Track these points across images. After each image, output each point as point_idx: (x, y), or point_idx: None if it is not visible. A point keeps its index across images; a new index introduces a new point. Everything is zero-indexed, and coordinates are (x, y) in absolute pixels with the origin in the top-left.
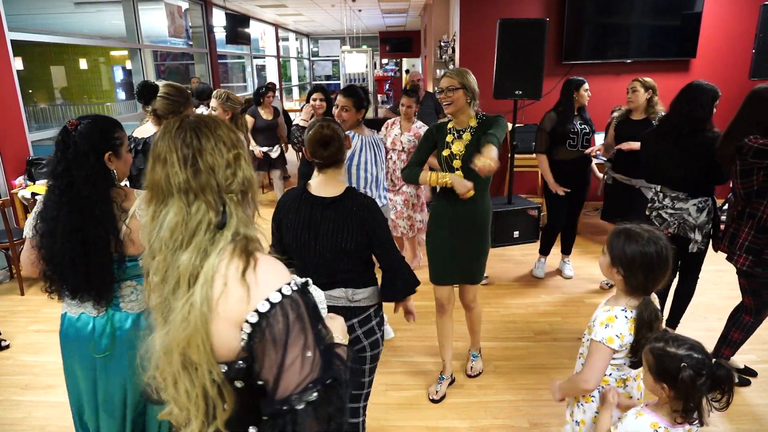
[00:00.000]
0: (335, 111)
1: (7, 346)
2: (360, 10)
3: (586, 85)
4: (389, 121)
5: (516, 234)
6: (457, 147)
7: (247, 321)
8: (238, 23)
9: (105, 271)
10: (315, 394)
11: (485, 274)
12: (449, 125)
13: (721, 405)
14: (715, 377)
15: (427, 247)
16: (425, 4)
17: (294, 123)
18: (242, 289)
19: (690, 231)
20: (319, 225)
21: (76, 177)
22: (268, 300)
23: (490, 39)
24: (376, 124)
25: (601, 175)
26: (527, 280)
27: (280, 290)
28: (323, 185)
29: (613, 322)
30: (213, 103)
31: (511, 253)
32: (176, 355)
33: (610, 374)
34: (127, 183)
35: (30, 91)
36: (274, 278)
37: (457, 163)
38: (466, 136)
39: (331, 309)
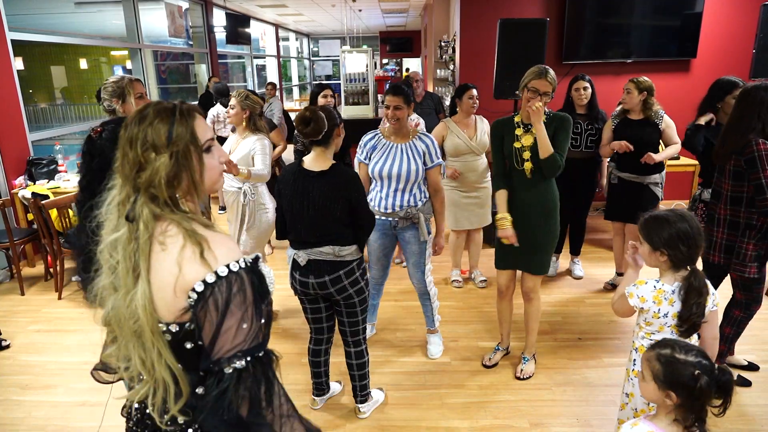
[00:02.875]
0: (386, 112)
1: (8, 346)
2: (360, 10)
3: (577, 84)
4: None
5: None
6: (528, 140)
7: (194, 289)
8: (238, 23)
9: None
10: (243, 362)
11: (483, 277)
12: (516, 119)
13: (718, 411)
14: (720, 383)
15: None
16: (425, 4)
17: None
18: (203, 264)
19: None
20: (309, 194)
21: (98, 190)
22: (216, 273)
23: (491, 39)
24: (376, 124)
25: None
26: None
27: (227, 266)
28: (314, 161)
29: (642, 285)
30: (232, 101)
31: None
32: (131, 336)
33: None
34: None
35: (30, 91)
36: (224, 254)
37: (527, 155)
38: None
39: (320, 263)
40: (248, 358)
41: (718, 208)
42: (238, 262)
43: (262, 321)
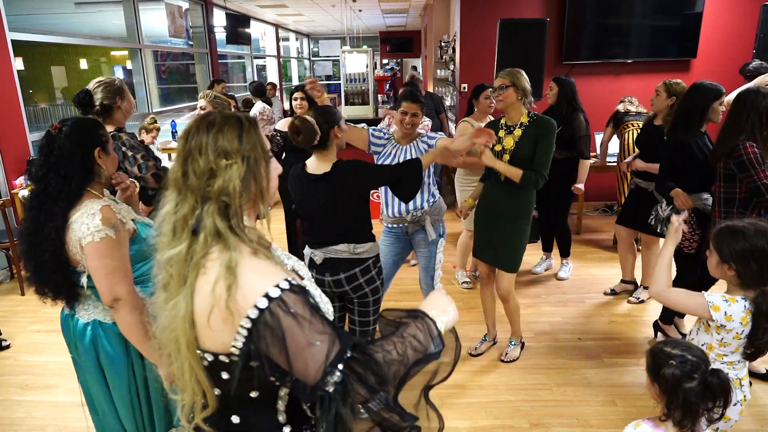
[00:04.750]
0: (401, 118)
1: (8, 346)
2: (360, 10)
3: (549, 87)
4: (388, 117)
5: None
6: (508, 142)
7: (242, 326)
8: (238, 23)
9: (57, 271)
10: (338, 374)
11: (473, 274)
12: (502, 121)
13: (714, 415)
14: (707, 384)
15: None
16: (426, 4)
17: (275, 128)
18: (228, 310)
19: (658, 223)
20: (314, 197)
21: (52, 179)
22: (256, 307)
23: (491, 39)
24: (376, 124)
25: (581, 186)
26: (527, 281)
27: (266, 295)
28: (315, 164)
29: (734, 303)
30: (202, 102)
31: None
32: (172, 344)
33: (727, 373)
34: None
35: (30, 91)
36: (261, 282)
37: (506, 158)
38: (517, 132)
39: (336, 261)
40: (340, 367)
41: (712, 211)
42: (278, 285)
43: (329, 328)
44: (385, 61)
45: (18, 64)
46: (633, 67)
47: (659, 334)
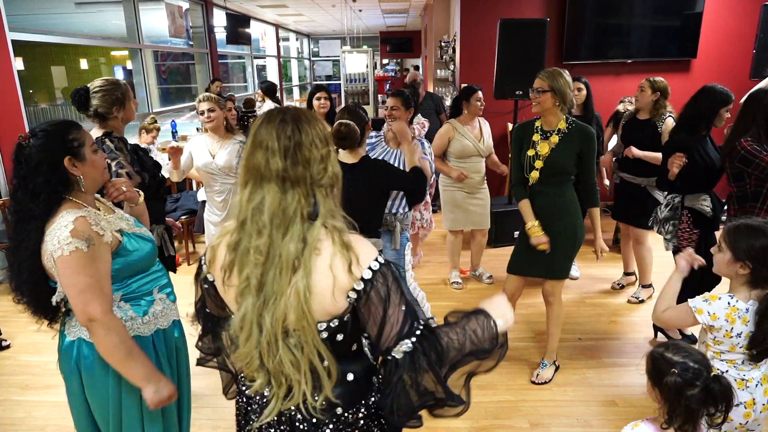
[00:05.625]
0: (387, 112)
1: (8, 346)
2: (360, 10)
3: (572, 85)
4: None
5: (516, 234)
6: (543, 148)
7: (353, 288)
8: (238, 23)
9: (35, 291)
10: (409, 344)
11: (489, 273)
12: (537, 123)
13: (715, 421)
14: (708, 390)
15: (519, 237)
16: (426, 4)
17: None
18: (350, 276)
19: (656, 224)
20: (345, 185)
21: (20, 197)
22: (370, 268)
23: (491, 39)
24: (377, 124)
25: (607, 180)
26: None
27: (377, 259)
28: (345, 155)
29: (714, 301)
30: (206, 104)
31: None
32: (279, 331)
33: (727, 371)
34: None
35: (31, 91)
36: (370, 251)
37: (539, 164)
38: (554, 139)
39: None
40: (413, 339)
41: (728, 209)
42: (377, 258)
43: (411, 302)
44: (385, 61)
45: (18, 64)
46: (633, 67)
47: (659, 334)
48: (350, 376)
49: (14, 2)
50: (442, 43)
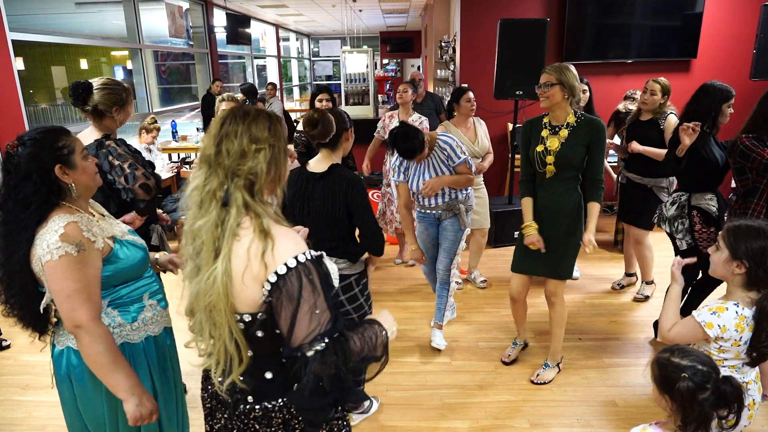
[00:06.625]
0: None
1: (8, 346)
2: (360, 10)
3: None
4: (387, 114)
5: (516, 234)
6: (553, 143)
7: (268, 281)
8: (238, 23)
9: (26, 302)
10: (322, 344)
11: (483, 278)
12: (545, 119)
13: (728, 423)
14: (720, 393)
15: (519, 236)
16: (426, 4)
17: (296, 130)
18: (262, 262)
19: (662, 222)
20: (310, 196)
21: (10, 207)
22: (285, 264)
23: (491, 39)
24: (376, 124)
25: (614, 174)
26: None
27: (296, 257)
28: (317, 162)
29: (722, 312)
30: (225, 105)
31: (511, 253)
32: (204, 311)
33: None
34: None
35: (31, 91)
36: (292, 247)
37: (550, 159)
38: (563, 133)
39: None
40: (326, 340)
41: (734, 204)
42: (304, 254)
43: (334, 306)
44: (385, 61)
45: (18, 64)
46: (633, 67)
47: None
48: (269, 375)
49: (14, 2)
50: (442, 43)
